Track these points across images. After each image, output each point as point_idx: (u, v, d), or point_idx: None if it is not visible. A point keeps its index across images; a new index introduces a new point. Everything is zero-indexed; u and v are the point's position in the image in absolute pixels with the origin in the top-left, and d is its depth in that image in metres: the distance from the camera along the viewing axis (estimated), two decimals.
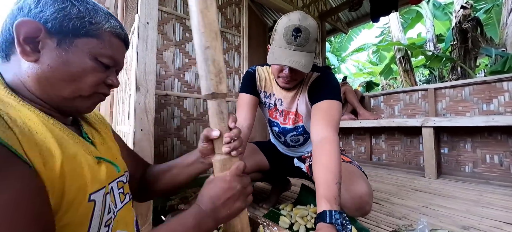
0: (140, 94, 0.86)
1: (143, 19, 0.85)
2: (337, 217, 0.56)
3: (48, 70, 0.37)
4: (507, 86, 1.91)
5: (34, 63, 0.37)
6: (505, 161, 1.83)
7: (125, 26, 1.82)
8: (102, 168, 0.42)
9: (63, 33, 0.37)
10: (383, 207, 1.27)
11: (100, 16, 0.41)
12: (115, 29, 0.43)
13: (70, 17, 0.38)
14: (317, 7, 3.33)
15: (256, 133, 2.59)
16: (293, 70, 0.82)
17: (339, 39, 9.96)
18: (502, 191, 1.54)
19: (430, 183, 1.79)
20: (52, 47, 0.37)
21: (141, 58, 0.85)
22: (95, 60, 0.40)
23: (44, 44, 0.37)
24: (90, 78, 0.40)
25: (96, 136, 0.49)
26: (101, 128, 0.53)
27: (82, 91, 0.41)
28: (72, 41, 0.38)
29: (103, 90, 0.44)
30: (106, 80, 0.44)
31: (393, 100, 2.65)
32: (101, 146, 0.48)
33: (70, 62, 0.38)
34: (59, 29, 0.37)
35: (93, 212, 0.37)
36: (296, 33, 0.75)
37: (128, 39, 0.48)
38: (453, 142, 2.09)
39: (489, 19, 5.51)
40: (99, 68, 0.41)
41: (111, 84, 0.45)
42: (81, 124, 0.48)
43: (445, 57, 5.13)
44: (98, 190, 0.39)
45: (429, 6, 6.83)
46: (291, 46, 0.76)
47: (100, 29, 0.41)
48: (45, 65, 0.37)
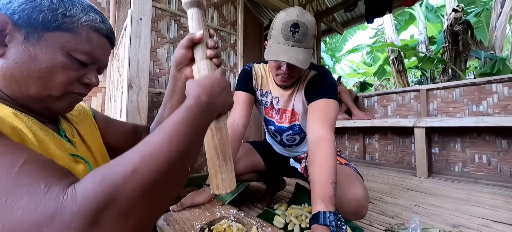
0: (133, 92, 0.84)
1: (136, 15, 0.83)
2: (332, 218, 0.55)
3: (13, 66, 0.35)
4: (496, 88, 1.97)
5: (0, 58, 0.35)
6: (493, 161, 1.88)
7: (117, 22, 1.78)
8: (79, 166, 0.41)
9: (32, 26, 0.35)
10: (376, 206, 1.28)
11: (77, 9, 0.38)
12: (94, 23, 0.40)
13: (40, 9, 0.35)
14: (313, 7, 3.34)
15: (251, 132, 2.58)
16: (291, 67, 0.81)
17: (334, 40, 10.03)
18: (490, 190, 1.58)
19: (422, 182, 1.82)
20: (19, 41, 0.35)
21: (133, 55, 0.83)
22: (68, 56, 0.37)
23: (11, 38, 0.34)
24: (60, 76, 0.37)
25: (75, 135, 0.47)
26: (82, 124, 0.51)
27: (51, 90, 0.38)
28: (42, 35, 0.35)
29: (79, 89, 0.41)
30: (82, 78, 0.41)
31: (386, 101, 2.69)
32: (80, 144, 0.46)
33: (38, 57, 0.35)
34: (27, 21, 0.34)
35: None
36: (294, 28, 0.74)
37: (113, 35, 0.45)
38: (444, 142, 2.14)
39: (479, 22, 5.65)
40: (72, 65, 0.38)
41: (88, 83, 0.42)
42: (60, 121, 0.46)
43: (436, 59, 5.24)
44: None
45: (422, 8, 6.95)
46: (289, 42, 0.75)
47: (76, 22, 0.38)
48: (10, 60, 0.35)
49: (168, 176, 0.29)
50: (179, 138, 0.31)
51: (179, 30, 1.75)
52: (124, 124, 0.62)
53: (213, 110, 0.40)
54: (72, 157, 0.40)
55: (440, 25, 7.07)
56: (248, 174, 1.10)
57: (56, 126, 0.44)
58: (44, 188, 0.23)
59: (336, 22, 3.86)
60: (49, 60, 0.36)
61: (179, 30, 1.75)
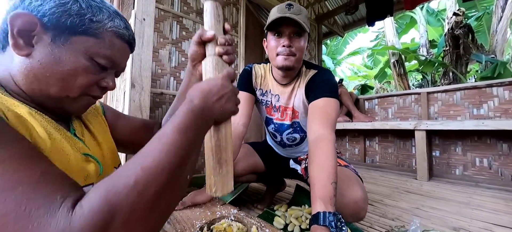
0: (135, 91, 0.85)
1: (139, 15, 0.84)
2: (331, 219, 0.55)
3: (38, 66, 0.35)
4: (497, 92, 1.97)
5: (26, 58, 0.36)
6: (494, 164, 1.88)
7: None
8: (91, 165, 0.41)
9: (60, 29, 0.36)
10: (376, 208, 1.28)
11: (104, 14, 0.39)
12: (118, 29, 0.41)
13: (69, 13, 0.36)
14: (314, 10, 3.36)
15: (251, 134, 2.58)
16: (292, 40, 0.83)
17: (335, 42, 10.05)
18: (491, 194, 1.57)
19: (422, 185, 1.82)
20: (46, 42, 0.35)
21: (136, 55, 0.84)
22: (90, 60, 0.38)
23: (38, 39, 0.35)
24: (81, 79, 0.38)
25: (85, 133, 0.48)
26: (92, 120, 0.51)
27: (70, 92, 0.39)
28: (68, 38, 0.36)
29: (95, 92, 0.42)
30: (101, 82, 0.42)
31: (387, 103, 2.69)
32: (90, 142, 0.47)
33: (62, 60, 0.36)
34: (56, 24, 0.35)
35: None
36: (289, 6, 0.81)
37: (134, 41, 0.46)
38: (445, 145, 2.14)
39: (480, 26, 5.66)
40: (93, 68, 0.39)
41: (106, 87, 0.43)
42: (71, 119, 0.47)
43: (437, 62, 5.24)
44: (84, 186, 0.38)
45: (422, 12, 6.97)
46: (285, 13, 0.80)
47: (101, 28, 0.39)
48: (35, 60, 0.35)
49: (169, 185, 0.29)
50: (175, 146, 0.31)
51: (181, 31, 1.77)
52: (134, 120, 0.63)
53: (209, 116, 0.39)
54: (84, 156, 0.41)
55: (441, 28, 7.08)
56: (247, 175, 1.10)
57: (67, 124, 0.45)
58: (59, 200, 0.24)
59: (337, 25, 3.88)
60: (73, 63, 0.37)
61: (181, 31, 1.76)
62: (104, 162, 0.47)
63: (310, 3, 3.30)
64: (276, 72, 0.95)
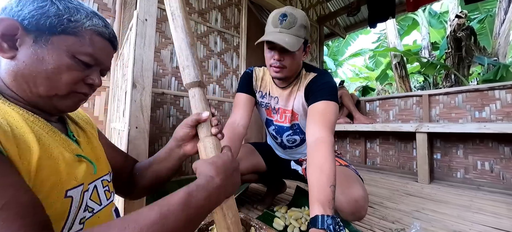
0: (136, 91, 0.85)
1: (141, 16, 0.84)
2: (330, 222, 0.54)
3: (23, 67, 0.37)
4: (499, 95, 1.96)
5: (11, 60, 0.38)
6: (496, 168, 1.87)
7: (123, 23, 1.80)
8: (82, 166, 0.42)
9: (40, 31, 0.38)
10: (376, 210, 1.28)
11: (81, 15, 0.41)
12: (97, 28, 0.43)
13: (47, 15, 0.38)
14: (316, 11, 3.36)
15: (252, 135, 2.59)
16: (281, 55, 0.84)
17: (336, 44, 10.04)
18: (492, 197, 1.57)
19: (423, 188, 1.81)
20: (29, 44, 0.37)
21: (138, 55, 0.84)
22: (73, 58, 0.40)
23: (22, 42, 0.37)
24: (66, 76, 0.40)
25: (81, 135, 0.50)
26: (87, 128, 0.54)
27: (57, 90, 0.40)
28: (49, 38, 0.38)
29: (83, 89, 0.44)
30: (86, 79, 0.43)
31: (388, 105, 2.68)
32: (85, 145, 0.48)
33: (45, 59, 0.38)
34: (36, 26, 0.37)
35: (70, 208, 0.37)
36: (282, 17, 0.81)
37: (115, 38, 0.48)
38: (446, 148, 2.13)
39: (482, 29, 5.64)
40: (77, 66, 0.41)
41: (92, 84, 0.44)
42: (67, 122, 0.49)
43: (439, 65, 5.22)
44: (76, 187, 0.39)
45: (425, 14, 6.95)
46: (277, 28, 0.81)
47: (80, 27, 0.41)
48: (20, 62, 0.37)
49: None
50: (169, 223, 0.31)
51: None
52: (118, 149, 0.65)
53: (225, 192, 0.41)
54: (77, 157, 0.42)
55: (443, 31, 7.06)
56: (248, 175, 1.10)
57: (64, 127, 0.47)
58: None
59: (339, 26, 3.88)
60: (55, 62, 0.39)
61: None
62: (98, 163, 0.48)
63: (312, 4, 3.30)
64: None
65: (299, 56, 0.87)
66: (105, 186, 0.49)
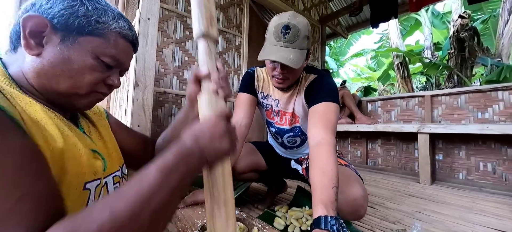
0: (139, 90, 0.86)
1: (144, 15, 0.84)
2: (333, 223, 0.54)
3: (48, 65, 0.38)
4: (502, 96, 1.94)
5: (36, 57, 0.38)
6: (498, 169, 1.86)
7: None
8: (98, 161, 0.43)
9: (68, 30, 0.38)
10: (377, 211, 1.28)
11: (108, 16, 0.42)
12: (122, 30, 0.43)
13: (77, 15, 0.38)
14: (318, 11, 3.35)
15: (253, 134, 2.59)
16: (284, 68, 0.82)
17: (338, 44, 10.02)
18: (494, 199, 1.56)
19: (424, 189, 1.80)
20: (56, 43, 0.38)
21: (140, 54, 0.85)
22: (96, 59, 0.41)
23: (48, 40, 0.37)
24: (88, 77, 0.40)
25: (92, 131, 0.49)
26: (98, 122, 0.53)
27: (79, 89, 0.41)
28: (76, 38, 0.38)
29: (102, 89, 0.44)
30: (107, 80, 0.44)
31: (390, 106, 2.67)
32: (97, 140, 0.48)
33: (71, 59, 0.38)
34: (64, 26, 0.38)
35: (88, 201, 0.38)
36: (285, 30, 0.77)
37: (137, 41, 0.48)
38: (448, 149, 2.12)
39: (485, 29, 5.60)
40: (99, 67, 0.41)
41: (112, 84, 0.45)
42: (79, 117, 0.48)
43: (442, 65, 5.19)
44: (93, 180, 0.40)
45: (428, 14, 6.91)
46: (280, 42, 0.78)
47: (106, 28, 0.41)
48: (46, 59, 0.38)
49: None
50: (154, 191, 0.30)
51: (185, 31, 1.78)
52: (135, 132, 0.65)
53: (199, 159, 0.38)
54: (92, 153, 0.42)
55: (446, 31, 7.02)
56: (249, 173, 1.11)
57: (75, 122, 0.47)
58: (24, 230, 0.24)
59: (341, 26, 3.86)
60: (80, 62, 0.39)
61: (185, 31, 1.78)
62: (109, 159, 0.48)
63: (314, 4, 3.29)
64: None
65: (300, 68, 0.86)
66: (115, 182, 0.49)
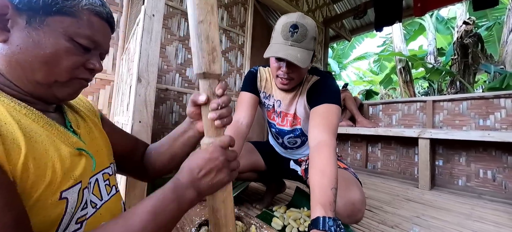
0: (141, 86, 0.86)
1: (149, 11, 0.85)
2: (331, 224, 0.54)
3: (18, 51, 0.34)
4: (504, 103, 1.94)
5: (4, 44, 0.34)
6: (498, 177, 1.85)
7: (129, 18, 1.82)
8: (82, 160, 0.40)
9: (33, 10, 0.34)
10: (376, 215, 1.28)
11: None
12: (94, 7, 0.39)
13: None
14: (322, 13, 3.35)
15: (253, 134, 2.59)
16: (290, 67, 0.82)
17: (341, 46, 10.00)
18: (494, 206, 1.55)
19: (424, 194, 1.80)
20: (22, 26, 0.34)
21: (144, 50, 0.85)
22: (71, 41, 0.37)
23: (13, 23, 0.34)
24: (66, 61, 0.37)
25: (81, 125, 0.46)
26: (88, 116, 0.50)
27: (57, 76, 0.37)
28: (44, 19, 0.35)
29: (84, 75, 0.41)
30: (87, 63, 0.40)
31: (391, 110, 2.67)
32: (86, 136, 0.45)
33: (41, 42, 0.34)
34: (28, 5, 0.34)
35: (66, 210, 0.35)
36: (293, 29, 0.77)
37: (112, 18, 0.44)
38: (448, 155, 2.11)
39: (490, 36, 5.57)
40: (76, 50, 0.38)
41: (93, 68, 0.41)
42: (65, 111, 0.45)
43: (445, 71, 5.18)
44: (72, 186, 0.37)
45: (432, 19, 6.89)
46: (287, 41, 0.78)
47: (76, 6, 0.37)
48: (14, 45, 0.34)
49: None
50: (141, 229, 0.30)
51: (188, 28, 1.78)
52: (127, 134, 0.63)
53: (198, 193, 0.38)
54: (77, 151, 0.40)
55: (450, 37, 7.00)
56: (248, 173, 1.11)
57: (62, 117, 0.44)
58: None
59: (344, 29, 3.86)
60: (53, 45, 0.35)
61: (189, 29, 1.78)
62: (98, 156, 0.46)
63: (319, 6, 3.29)
64: None
65: (305, 69, 0.86)
66: (105, 179, 0.47)
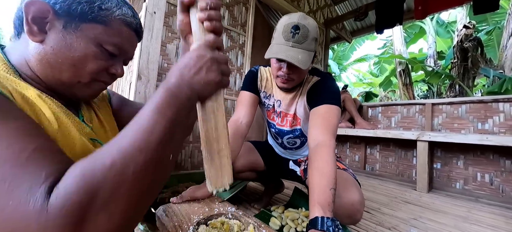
0: (141, 83, 0.86)
1: (150, 8, 0.85)
2: (329, 224, 0.54)
3: (51, 52, 0.37)
4: (503, 107, 1.95)
5: (39, 44, 0.37)
6: (496, 181, 1.86)
7: None
8: (97, 148, 0.42)
9: (71, 16, 0.37)
10: (373, 216, 1.28)
11: (112, 3, 0.41)
12: (125, 18, 0.42)
13: (80, 1, 0.37)
14: (323, 14, 3.35)
15: (253, 133, 2.59)
16: (291, 68, 0.82)
17: (342, 48, 10.01)
18: (490, 210, 1.56)
19: (421, 196, 1.81)
20: (59, 29, 0.37)
21: (145, 47, 0.85)
22: (99, 46, 0.40)
23: (51, 26, 0.37)
24: (91, 65, 0.40)
25: (94, 118, 0.49)
26: (101, 108, 0.53)
27: (81, 77, 0.40)
28: (79, 25, 0.38)
29: (105, 78, 0.43)
30: (110, 69, 0.43)
31: (390, 112, 2.67)
32: (98, 129, 0.48)
33: (73, 46, 0.38)
34: (67, 11, 0.37)
35: None
36: (295, 30, 0.77)
37: (141, 29, 0.47)
38: (446, 158, 2.12)
39: (489, 40, 5.59)
40: (102, 55, 0.41)
41: (115, 73, 0.44)
42: (81, 105, 0.48)
43: (444, 74, 5.19)
44: None
45: (432, 22, 6.90)
46: (289, 42, 0.78)
47: (110, 15, 0.40)
48: (48, 46, 0.37)
49: (148, 165, 0.28)
50: (152, 126, 0.30)
51: None
52: (137, 104, 0.64)
53: (188, 92, 0.36)
54: (92, 142, 0.42)
55: (450, 40, 7.02)
56: (247, 172, 1.11)
57: (76, 111, 0.46)
58: (43, 178, 0.24)
59: (345, 30, 3.86)
60: (83, 49, 0.38)
61: None
62: None
63: (320, 7, 3.29)
64: None
65: (306, 70, 0.86)
66: None
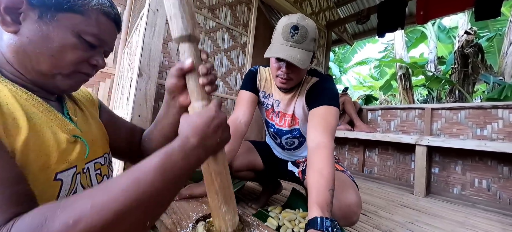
0: (142, 80, 0.86)
1: (153, 5, 0.85)
2: (328, 224, 0.54)
3: (27, 43, 0.36)
4: (502, 114, 1.95)
5: (14, 35, 0.36)
6: (493, 187, 1.87)
7: (133, 12, 1.82)
8: (77, 147, 0.42)
9: (46, 6, 0.36)
10: (370, 219, 1.28)
11: None
12: (103, 7, 0.41)
13: None
14: (325, 16, 3.35)
15: (252, 133, 2.59)
16: (290, 67, 0.83)
17: (343, 50, 10.02)
18: (487, 216, 1.56)
19: (418, 200, 1.81)
20: (33, 19, 0.36)
21: (146, 44, 0.85)
22: (78, 37, 0.39)
23: (25, 16, 0.36)
24: (70, 56, 0.39)
25: (79, 114, 0.48)
26: (86, 106, 0.52)
27: (61, 69, 0.39)
28: (55, 15, 0.37)
29: (86, 69, 0.43)
30: (90, 60, 0.42)
31: (390, 116, 2.68)
32: (82, 125, 0.47)
33: (50, 36, 0.37)
34: (41, 1, 0.36)
35: (59, 191, 0.37)
36: (294, 30, 0.78)
37: (119, 19, 0.46)
38: (444, 162, 2.12)
39: (490, 47, 5.61)
40: (81, 46, 0.40)
41: (96, 65, 0.43)
42: (65, 100, 0.47)
43: (444, 79, 5.21)
44: (66, 169, 0.38)
45: (434, 28, 6.92)
46: (288, 42, 0.79)
47: (87, 5, 0.39)
48: (24, 37, 0.36)
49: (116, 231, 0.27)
50: (144, 189, 0.29)
51: None
52: (125, 122, 0.63)
53: (205, 151, 0.38)
54: (73, 138, 0.41)
55: (451, 46, 7.04)
56: (245, 172, 1.11)
57: (60, 105, 0.46)
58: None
59: (347, 33, 3.87)
60: (61, 40, 0.38)
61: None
62: (93, 145, 0.47)
63: (322, 9, 3.30)
64: None
65: (305, 70, 0.87)
66: (97, 169, 0.47)
